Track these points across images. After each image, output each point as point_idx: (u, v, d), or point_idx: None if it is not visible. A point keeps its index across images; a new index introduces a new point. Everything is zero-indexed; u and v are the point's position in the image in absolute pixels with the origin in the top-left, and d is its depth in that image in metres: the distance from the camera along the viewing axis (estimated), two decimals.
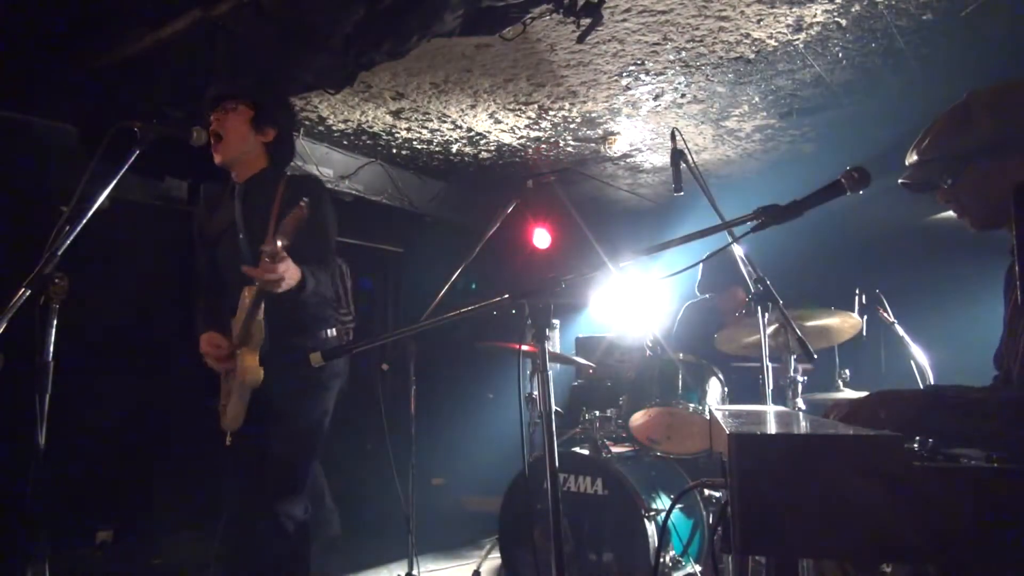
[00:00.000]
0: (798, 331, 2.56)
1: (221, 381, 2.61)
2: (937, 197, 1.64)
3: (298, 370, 2.42)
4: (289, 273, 2.18)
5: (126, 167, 2.11)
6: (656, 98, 4.13)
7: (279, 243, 2.09)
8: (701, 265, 3.86)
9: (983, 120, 1.51)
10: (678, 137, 2.69)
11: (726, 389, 3.34)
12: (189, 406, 2.68)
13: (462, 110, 4.33)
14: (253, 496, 2.41)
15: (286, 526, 2.37)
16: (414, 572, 3.39)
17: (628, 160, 5.22)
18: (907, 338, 3.13)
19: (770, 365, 2.65)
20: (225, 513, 2.51)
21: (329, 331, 2.57)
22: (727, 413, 1.57)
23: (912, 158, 1.63)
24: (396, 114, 4.39)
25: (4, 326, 1.77)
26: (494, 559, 3.57)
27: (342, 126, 4.57)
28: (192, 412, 2.71)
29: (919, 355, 3.09)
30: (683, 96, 4.11)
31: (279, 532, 2.36)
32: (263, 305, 2.34)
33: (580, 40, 3.19)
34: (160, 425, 3.99)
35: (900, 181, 1.67)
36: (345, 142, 4.87)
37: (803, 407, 2.87)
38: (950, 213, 1.64)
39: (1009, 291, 1.61)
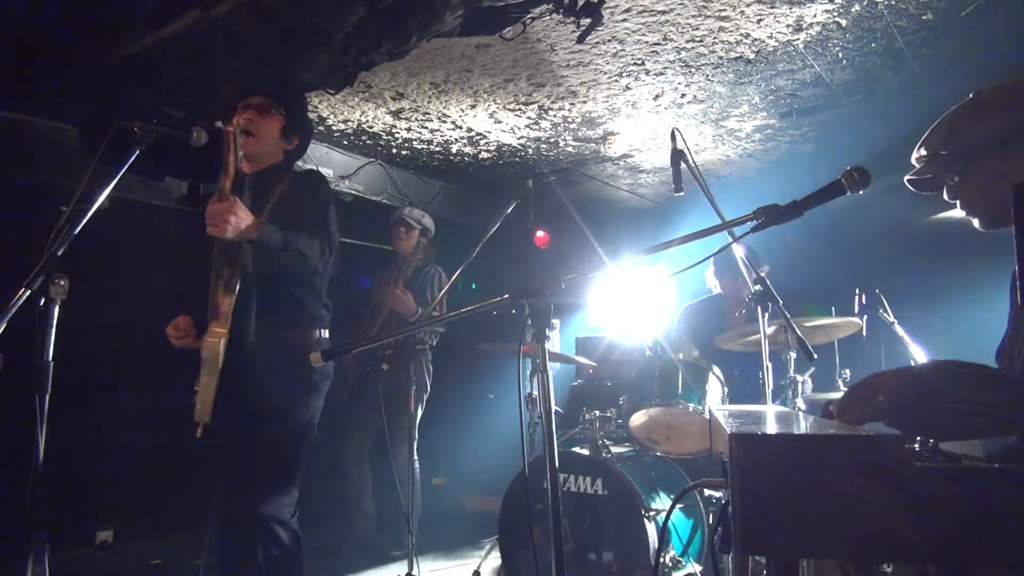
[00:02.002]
0: (798, 331, 2.57)
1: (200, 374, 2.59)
2: (944, 194, 1.61)
3: (288, 370, 2.40)
4: (239, 215, 2.18)
5: (126, 167, 2.12)
6: (656, 98, 4.13)
7: (227, 182, 2.16)
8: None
9: (993, 114, 1.48)
10: (678, 137, 2.69)
11: (726, 389, 3.35)
12: (189, 406, 2.68)
13: (462, 110, 4.33)
14: (241, 501, 2.38)
15: (278, 534, 2.34)
16: (414, 572, 3.39)
17: (628, 160, 5.22)
18: (907, 338, 3.14)
19: (770, 365, 2.65)
20: (215, 516, 2.50)
21: (322, 331, 2.53)
22: (727, 413, 1.57)
23: (919, 153, 1.60)
24: (396, 114, 4.39)
25: (4, 326, 1.77)
26: (494, 559, 3.57)
27: (342, 126, 4.57)
28: (193, 412, 2.71)
29: (919, 355, 3.09)
30: (683, 96, 4.11)
31: (271, 540, 2.33)
32: (239, 288, 2.34)
33: (580, 40, 3.19)
34: (160, 425, 3.99)
35: (906, 179, 1.64)
36: (345, 142, 4.87)
37: (803, 407, 2.87)
38: (950, 213, 1.63)
39: (1014, 292, 1.60)
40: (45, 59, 3.21)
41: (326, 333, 2.56)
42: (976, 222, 1.59)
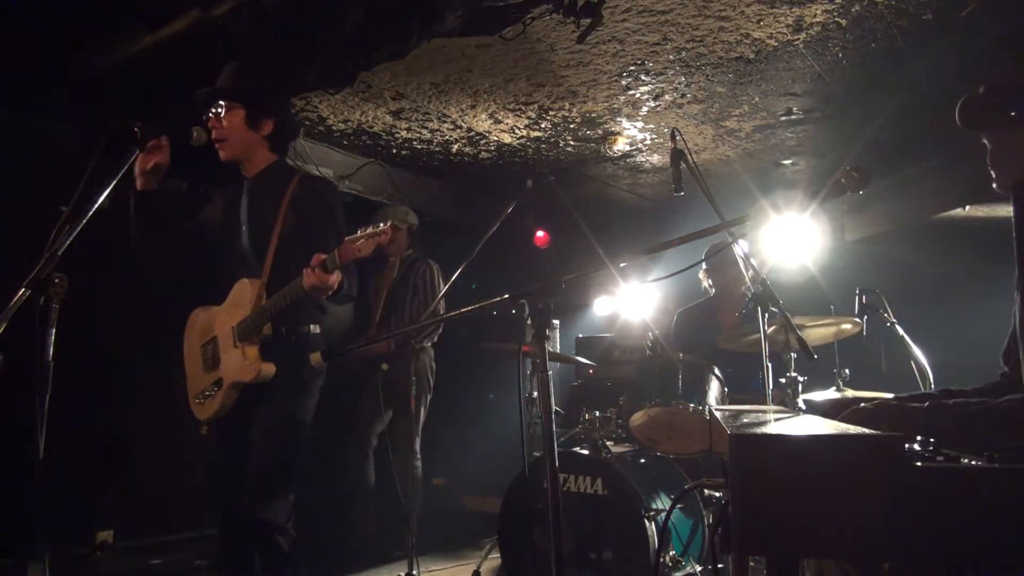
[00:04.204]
0: (798, 331, 2.56)
1: (193, 369, 2.58)
2: (985, 136, 1.57)
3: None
4: (333, 280, 2.22)
5: (126, 167, 2.12)
6: (656, 98, 4.13)
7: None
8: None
9: None
10: (678, 137, 2.68)
11: (726, 389, 3.34)
12: (190, 406, 2.68)
13: (462, 110, 4.33)
14: (237, 506, 2.36)
15: (276, 540, 2.32)
16: (414, 572, 3.39)
17: (628, 160, 5.22)
18: (907, 338, 3.13)
19: (770, 365, 2.65)
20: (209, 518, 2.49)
21: (312, 326, 2.51)
22: (727, 413, 1.57)
23: (993, 81, 1.56)
24: (396, 114, 4.39)
25: (4, 326, 1.77)
26: (494, 559, 3.57)
27: (342, 126, 4.57)
28: (193, 412, 2.71)
29: (919, 355, 3.09)
30: (683, 96, 4.11)
31: (269, 548, 2.32)
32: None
33: (580, 40, 3.19)
34: (160, 425, 3.99)
35: (963, 99, 1.57)
36: (345, 142, 4.87)
37: (803, 407, 2.87)
38: (951, 213, 1.62)
39: (1021, 287, 1.59)
40: (45, 59, 3.21)
41: (317, 328, 2.53)
42: (995, 180, 1.56)
